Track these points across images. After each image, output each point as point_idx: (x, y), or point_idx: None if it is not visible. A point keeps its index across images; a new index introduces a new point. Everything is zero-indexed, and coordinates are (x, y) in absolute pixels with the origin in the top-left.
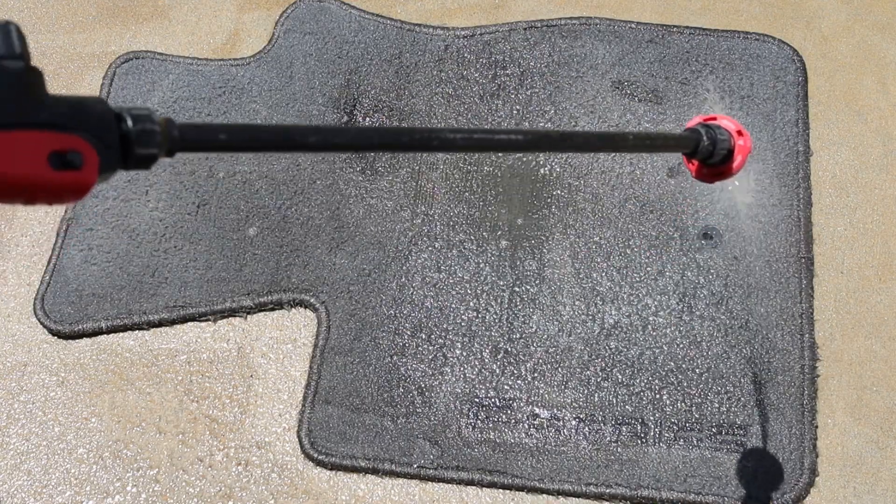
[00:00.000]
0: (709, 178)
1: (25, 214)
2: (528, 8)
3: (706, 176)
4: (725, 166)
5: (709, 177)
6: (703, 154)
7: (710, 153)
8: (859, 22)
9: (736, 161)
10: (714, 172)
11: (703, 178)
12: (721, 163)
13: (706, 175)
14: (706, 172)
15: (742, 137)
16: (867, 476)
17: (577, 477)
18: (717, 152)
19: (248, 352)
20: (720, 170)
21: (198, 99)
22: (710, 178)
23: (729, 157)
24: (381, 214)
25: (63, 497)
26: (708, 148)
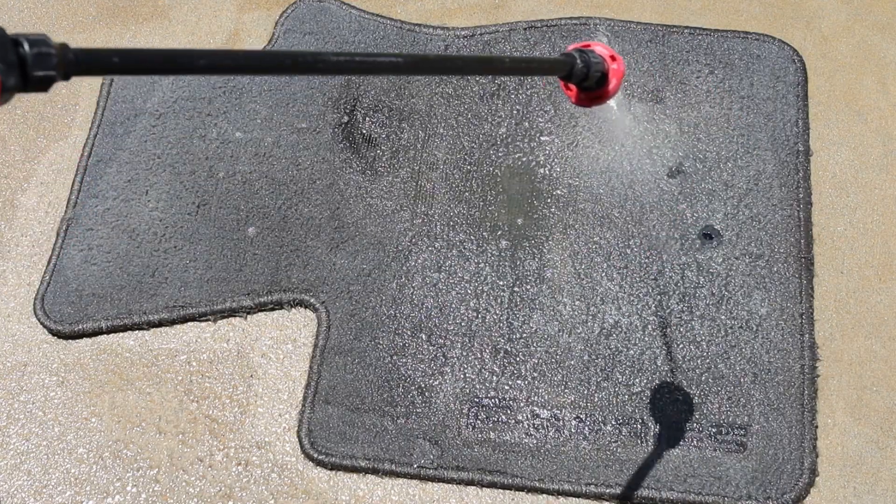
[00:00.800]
0: (587, 103)
1: (25, 214)
2: (528, 8)
3: (585, 101)
4: (601, 90)
5: (587, 101)
6: (578, 77)
7: (585, 76)
8: (859, 22)
9: (611, 84)
10: (592, 96)
11: (582, 102)
12: (597, 86)
13: (584, 100)
14: (584, 97)
15: (615, 62)
16: (867, 476)
17: (577, 477)
18: (592, 75)
19: (248, 352)
20: (597, 93)
21: (198, 99)
22: (589, 103)
23: (604, 80)
24: (381, 214)
25: (63, 497)
26: (582, 71)
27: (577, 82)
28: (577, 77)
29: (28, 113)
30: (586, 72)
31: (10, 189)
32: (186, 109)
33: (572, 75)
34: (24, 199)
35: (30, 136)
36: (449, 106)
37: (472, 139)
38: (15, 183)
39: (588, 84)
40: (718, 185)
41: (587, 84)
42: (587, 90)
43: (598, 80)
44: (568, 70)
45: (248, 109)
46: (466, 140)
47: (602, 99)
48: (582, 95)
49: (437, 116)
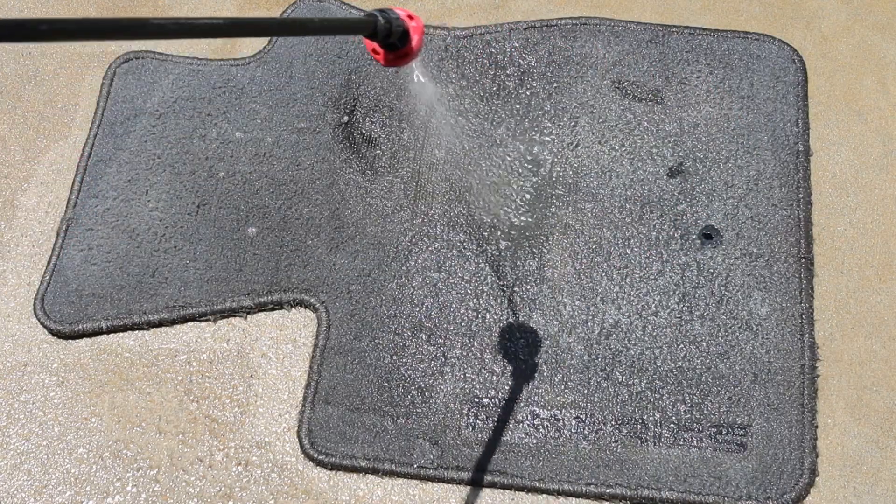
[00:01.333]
0: (396, 62)
1: (25, 214)
2: (528, 8)
3: (393, 60)
4: (406, 47)
5: (396, 60)
6: (383, 33)
7: (388, 31)
8: (859, 22)
9: (413, 39)
10: (399, 55)
11: (392, 62)
12: (402, 43)
13: (393, 59)
14: (392, 57)
15: (413, 20)
16: (867, 476)
17: (577, 477)
18: (395, 30)
19: (248, 352)
20: (404, 51)
21: (198, 99)
22: (398, 61)
23: (406, 36)
24: (381, 214)
25: (63, 497)
26: (385, 27)
27: (381, 39)
28: (382, 33)
29: (28, 113)
30: (389, 28)
31: (10, 189)
32: (186, 109)
33: (377, 32)
34: (24, 199)
35: (30, 136)
36: (449, 105)
37: (472, 139)
38: (15, 183)
39: (392, 40)
40: (718, 185)
41: (391, 41)
42: (393, 49)
43: (400, 38)
44: (372, 28)
45: (248, 109)
46: (467, 139)
47: (409, 56)
48: (390, 55)
49: (437, 116)
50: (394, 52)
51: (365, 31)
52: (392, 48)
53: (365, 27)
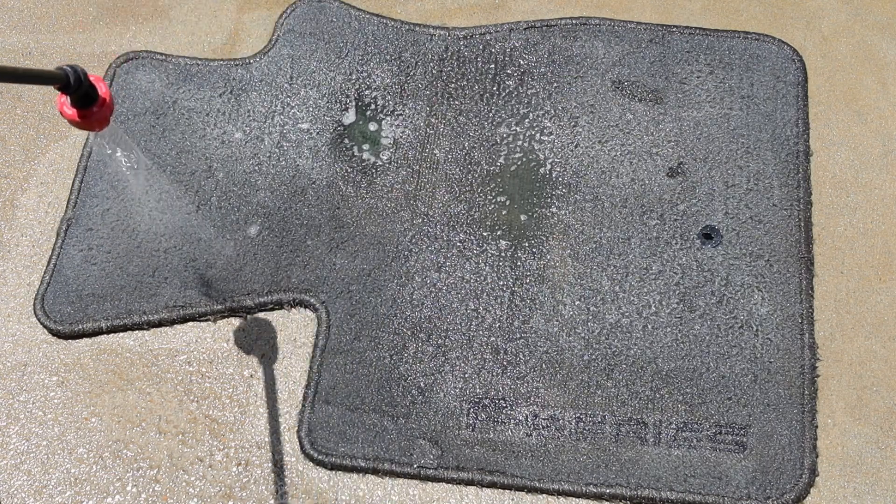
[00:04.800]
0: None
1: (25, 214)
2: (528, 8)
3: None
4: (100, 96)
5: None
6: (76, 81)
7: (80, 81)
8: (859, 22)
9: (101, 88)
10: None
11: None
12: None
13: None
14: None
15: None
16: (867, 476)
17: (577, 477)
18: (84, 77)
19: (248, 352)
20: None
21: (198, 99)
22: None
23: (94, 88)
24: (381, 214)
25: (63, 497)
26: (76, 75)
27: (77, 86)
28: (76, 81)
29: (28, 113)
30: (77, 75)
31: (10, 189)
32: (186, 109)
33: (70, 82)
34: (24, 199)
35: (30, 136)
36: (449, 106)
37: (472, 139)
38: (15, 183)
39: (84, 89)
40: (718, 184)
41: (83, 90)
42: (89, 103)
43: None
44: (65, 80)
45: (247, 109)
46: (467, 140)
47: (107, 101)
48: (94, 109)
49: (437, 116)
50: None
51: (59, 83)
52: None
53: (59, 79)
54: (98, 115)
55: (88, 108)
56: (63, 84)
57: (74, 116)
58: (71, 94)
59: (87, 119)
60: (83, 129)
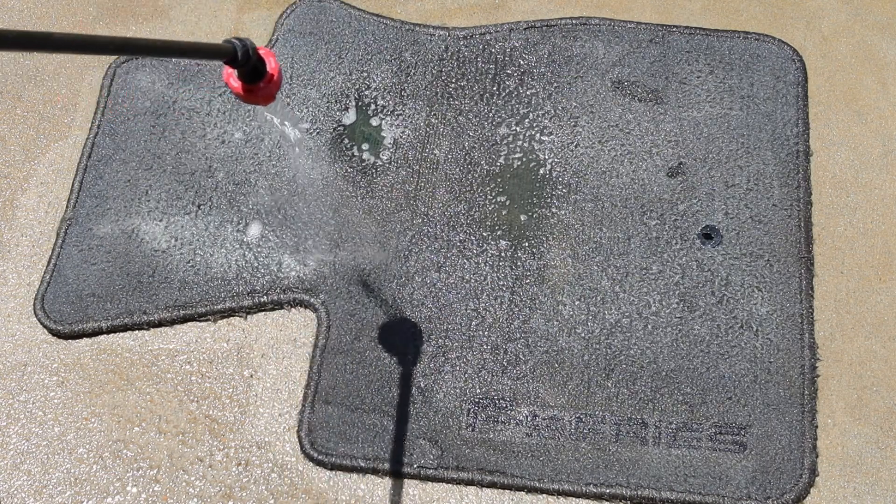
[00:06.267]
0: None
1: (25, 214)
2: (528, 8)
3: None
4: (267, 75)
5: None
6: (243, 56)
7: (248, 55)
8: (859, 22)
9: (270, 63)
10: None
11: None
12: (262, 67)
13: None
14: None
15: (262, 49)
16: (867, 476)
17: (577, 477)
18: (251, 49)
19: (248, 352)
20: (269, 76)
21: (197, 99)
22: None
23: (262, 62)
24: (381, 214)
25: (63, 497)
26: (245, 53)
27: (244, 62)
28: (243, 59)
29: (28, 113)
30: (246, 49)
31: (10, 189)
32: (186, 109)
33: (237, 59)
34: (24, 199)
35: (30, 136)
36: (449, 106)
37: (472, 139)
38: (15, 183)
39: (252, 64)
40: (718, 185)
41: (252, 64)
42: (254, 80)
43: (259, 61)
44: (232, 54)
45: (248, 109)
46: (467, 140)
47: (274, 77)
48: (260, 85)
49: (437, 116)
50: (254, 82)
51: (225, 57)
52: (256, 78)
53: (225, 53)
54: (264, 91)
55: (255, 83)
56: (230, 58)
57: (239, 90)
58: (238, 68)
59: (252, 94)
60: (247, 102)
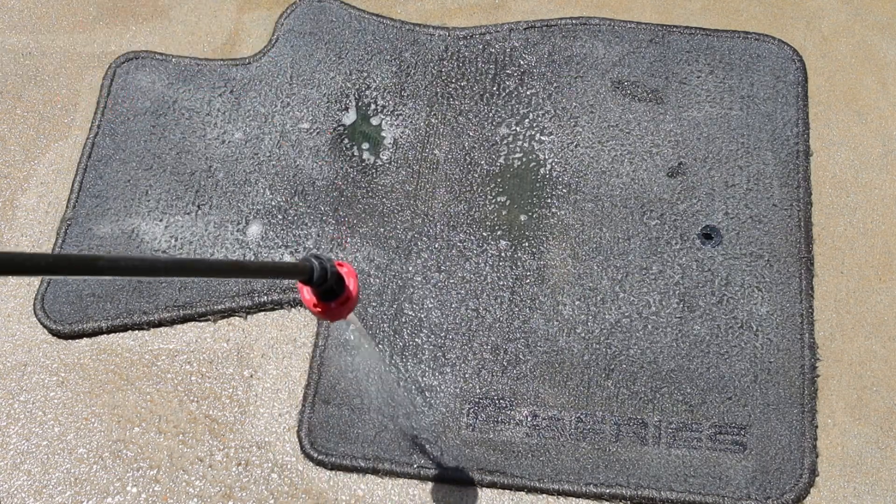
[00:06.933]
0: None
1: (25, 214)
2: (528, 8)
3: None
4: (344, 292)
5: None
6: (319, 277)
7: (325, 277)
8: (859, 22)
9: (350, 283)
10: (342, 300)
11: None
12: (339, 288)
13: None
14: (335, 305)
15: (342, 266)
16: (867, 476)
17: (577, 477)
18: (331, 273)
19: (248, 352)
20: (345, 295)
21: (198, 99)
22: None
23: (341, 281)
24: (381, 214)
25: (63, 497)
26: (321, 270)
27: (320, 282)
28: (319, 276)
29: (28, 113)
30: (325, 270)
31: (10, 189)
32: (186, 109)
33: (314, 278)
34: (24, 199)
35: (30, 136)
36: (449, 106)
37: (472, 139)
38: (15, 183)
39: (329, 285)
40: (718, 184)
41: (328, 285)
42: (333, 297)
43: (337, 282)
44: (308, 273)
45: (248, 109)
46: (467, 140)
47: (351, 299)
48: (333, 305)
49: (437, 116)
50: (333, 298)
51: (301, 276)
52: (331, 296)
53: (301, 272)
54: (334, 311)
55: (327, 302)
56: (306, 278)
57: (310, 304)
58: (312, 287)
59: (323, 311)
60: (319, 317)
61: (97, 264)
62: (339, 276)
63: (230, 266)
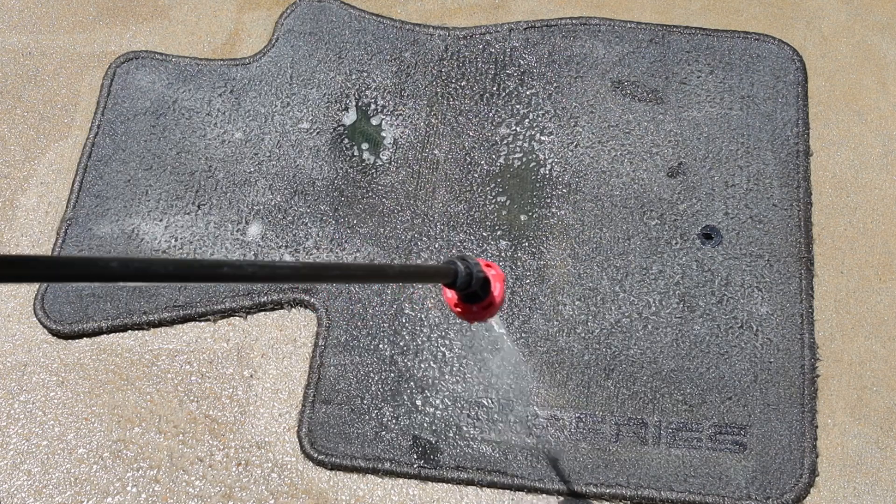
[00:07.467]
0: (482, 314)
1: (25, 214)
2: (528, 8)
3: (477, 313)
4: (488, 297)
5: (481, 312)
6: (463, 282)
7: (469, 281)
8: (859, 22)
9: (496, 288)
10: (484, 305)
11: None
12: (483, 292)
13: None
14: (477, 309)
15: (491, 268)
16: (867, 476)
17: (577, 477)
18: (476, 277)
19: (248, 352)
20: (488, 300)
21: (198, 99)
22: (484, 313)
23: (487, 284)
24: (381, 214)
25: (63, 497)
26: (466, 275)
27: (463, 287)
28: (462, 282)
29: (28, 113)
30: (470, 274)
31: (10, 189)
32: (186, 109)
33: (457, 281)
34: (24, 199)
35: (30, 136)
36: (449, 106)
37: (472, 139)
38: (15, 183)
39: (473, 289)
40: (718, 184)
41: (473, 289)
42: (476, 300)
43: (482, 286)
44: (452, 276)
45: (247, 109)
46: (467, 140)
47: (493, 305)
48: (474, 308)
49: (437, 116)
50: (475, 301)
51: (445, 280)
52: (474, 299)
53: (445, 275)
54: (476, 314)
55: (469, 304)
56: (449, 282)
57: (451, 303)
58: (455, 290)
59: (463, 313)
60: (458, 316)
61: (221, 271)
62: (485, 280)
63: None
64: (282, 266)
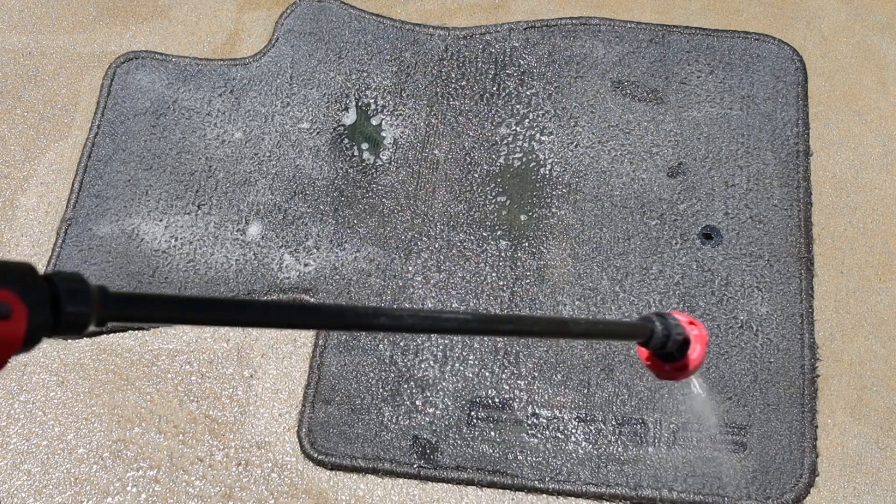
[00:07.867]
0: (672, 375)
1: (25, 214)
2: (528, 8)
3: (670, 373)
4: (685, 358)
5: (672, 373)
6: (658, 342)
7: (665, 341)
8: (859, 22)
9: (694, 351)
10: (677, 367)
11: (667, 375)
12: (680, 353)
13: (669, 372)
14: (669, 369)
15: (695, 327)
16: (867, 476)
17: (577, 477)
18: (673, 338)
19: (248, 352)
20: (681, 363)
21: (198, 99)
22: (675, 374)
23: (686, 345)
24: (381, 214)
25: (63, 497)
26: (662, 334)
27: (656, 348)
28: (657, 342)
29: (28, 113)
30: (667, 336)
31: (10, 189)
32: (186, 109)
33: (651, 340)
34: (24, 199)
35: (30, 136)
36: (449, 106)
37: (472, 139)
38: (15, 183)
39: (668, 350)
40: (718, 184)
41: (668, 350)
42: (671, 360)
43: (679, 347)
44: (647, 335)
45: (247, 109)
46: (467, 140)
47: (687, 369)
48: (667, 367)
49: (437, 116)
50: (669, 360)
51: (639, 338)
52: (668, 358)
53: (639, 333)
54: (668, 373)
55: (662, 363)
56: (643, 341)
57: (642, 356)
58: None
59: (653, 368)
60: (650, 370)
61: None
62: (683, 342)
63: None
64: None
